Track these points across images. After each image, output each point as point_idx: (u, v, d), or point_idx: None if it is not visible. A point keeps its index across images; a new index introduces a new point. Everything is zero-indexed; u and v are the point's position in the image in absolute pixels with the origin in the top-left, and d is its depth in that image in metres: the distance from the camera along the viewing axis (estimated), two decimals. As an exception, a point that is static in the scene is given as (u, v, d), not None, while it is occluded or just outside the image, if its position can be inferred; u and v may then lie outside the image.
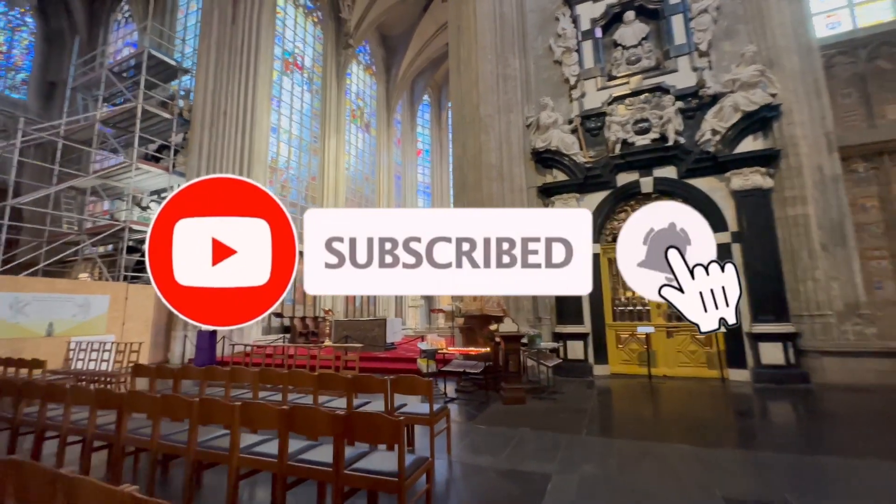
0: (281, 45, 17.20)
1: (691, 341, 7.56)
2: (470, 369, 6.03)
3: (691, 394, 6.39)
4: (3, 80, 17.00)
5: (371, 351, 11.02)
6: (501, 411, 5.42)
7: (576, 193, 8.41)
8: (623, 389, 6.90)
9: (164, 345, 12.18)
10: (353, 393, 3.84)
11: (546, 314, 8.36)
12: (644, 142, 8.01)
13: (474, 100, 9.05)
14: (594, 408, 5.65)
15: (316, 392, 4.01)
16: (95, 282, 12.69)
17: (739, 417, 5.32)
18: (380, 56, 24.35)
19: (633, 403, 6.08)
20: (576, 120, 8.70)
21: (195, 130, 12.84)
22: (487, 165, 8.67)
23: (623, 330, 8.06)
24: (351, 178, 21.41)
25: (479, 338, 7.06)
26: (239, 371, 4.50)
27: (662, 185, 7.96)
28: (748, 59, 7.33)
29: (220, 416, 2.75)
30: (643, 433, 4.40)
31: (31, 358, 6.26)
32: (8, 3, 16.86)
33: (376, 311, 21.36)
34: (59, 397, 3.53)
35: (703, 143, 7.55)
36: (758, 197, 7.14)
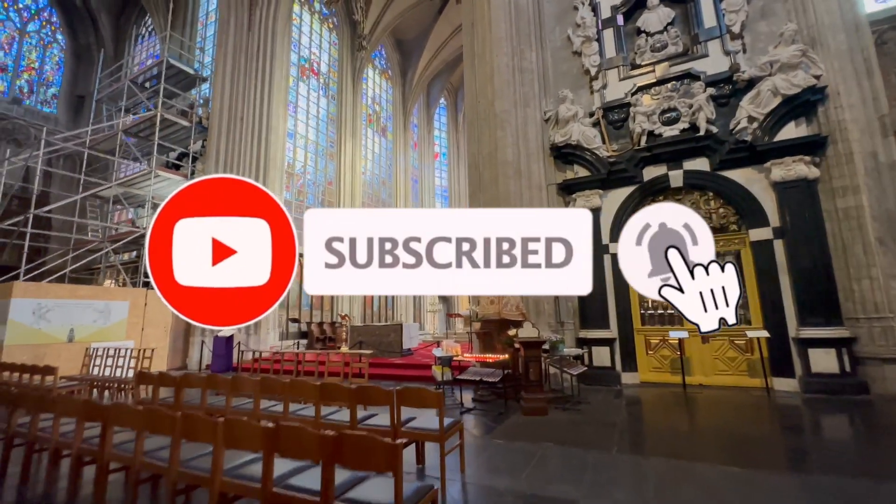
0: (297, 52, 17.31)
1: (730, 347, 6.95)
2: (487, 378, 5.64)
3: (732, 405, 5.80)
4: (35, 94, 17.67)
5: (387, 357, 10.73)
6: (522, 423, 4.99)
7: (599, 189, 7.92)
8: (655, 399, 6.36)
9: (182, 350, 12.23)
10: (357, 405, 3.52)
11: (569, 318, 7.88)
12: (672, 133, 7.47)
13: (489, 95, 8.69)
14: (624, 420, 5.16)
15: (318, 403, 3.70)
16: (115, 288, 12.90)
17: (789, 433, 4.73)
18: (395, 60, 24.32)
19: (668, 415, 5.55)
20: (597, 112, 8.23)
21: (212, 137, 12.95)
22: (504, 162, 8.28)
23: (653, 335, 7.50)
24: (367, 183, 21.34)
25: (498, 344, 6.64)
26: (240, 380, 4.25)
27: (693, 178, 7.40)
28: (787, 39, 6.73)
29: (203, 433, 2.46)
30: (681, 451, 3.91)
31: (44, 365, 6.23)
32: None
33: (394, 315, 21.14)
34: (50, 407, 3.34)
35: (739, 131, 6.97)
36: (802, 188, 6.51)
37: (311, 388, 3.79)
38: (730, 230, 7.25)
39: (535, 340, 5.48)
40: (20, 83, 17.24)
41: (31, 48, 17.71)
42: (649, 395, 6.65)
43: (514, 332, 6.03)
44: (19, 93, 17.13)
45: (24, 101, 17.08)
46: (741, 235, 7.10)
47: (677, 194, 7.64)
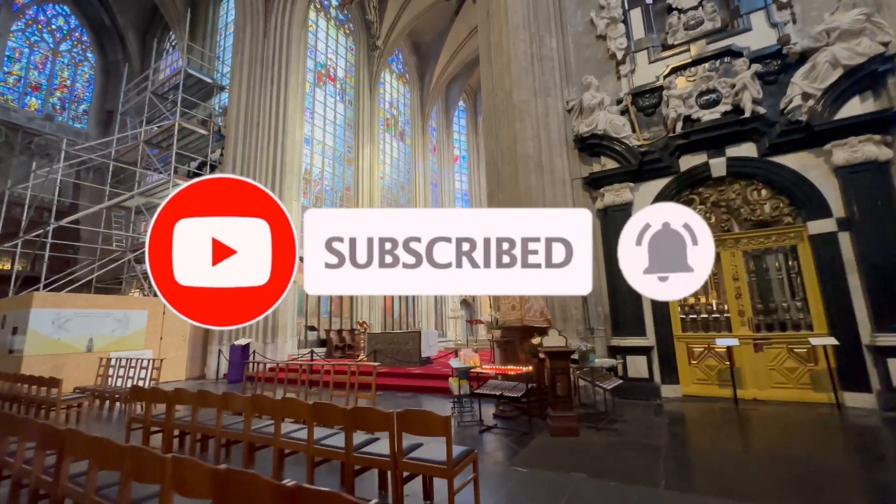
0: (313, 58, 17.26)
1: (788, 356, 6.08)
2: (509, 392, 5.03)
3: (795, 425, 4.98)
4: (67, 111, 18.31)
5: (404, 366, 10.24)
6: (549, 447, 4.37)
7: (629, 182, 7.21)
8: (703, 417, 5.58)
9: (201, 359, 12.11)
10: (354, 429, 3.01)
11: (599, 325, 7.17)
12: (712, 116, 6.70)
13: (507, 86, 8.14)
14: (669, 444, 4.44)
15: (311, 424, 3.22)
16: (133, 297, 12.96)
17: (873, 464, 3.91)
18: (412, 64, 24.11)
19: (720, 438, 4.78)
20: (626, 98, 7.54)
21: (229, 144, 12.90)
22: (524, 157, 7.69)
23: (696, 342, 6.70)
24: (386, 188, 21.08)
25: (521, 353, 6.02)
26: (230, 397, 3.83)
27: (739, 165, 6.59)
28: (847, 3, 5.90)
29: (151, 473, 2.01)
30: (742, 486, 3.21)
31: (50, 377, 6.05)
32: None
33: (415, 322, 20.69)
34: (14, 431, 2.99)
35: (792, 111, 6.14)
36: (872, 172, 5.63)
37: (303, 407, 3.31)
38: (783, 223, 6.40)
39: (563, 350, 4.85)
40: (53, 100, 17.91)
41: (63, 67, 18.41)
42: (695, 411, 5.87)
43: (539, 341, 5.41)
44: (52, 110, 17.78)
45: (56, 117, 17.72)
46: (797, 229, 6.24)
47: (719, 185, 6.85)
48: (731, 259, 6.63)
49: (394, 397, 7.60)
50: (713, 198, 6.91)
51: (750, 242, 6.57)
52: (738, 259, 6.59)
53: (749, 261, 6.59)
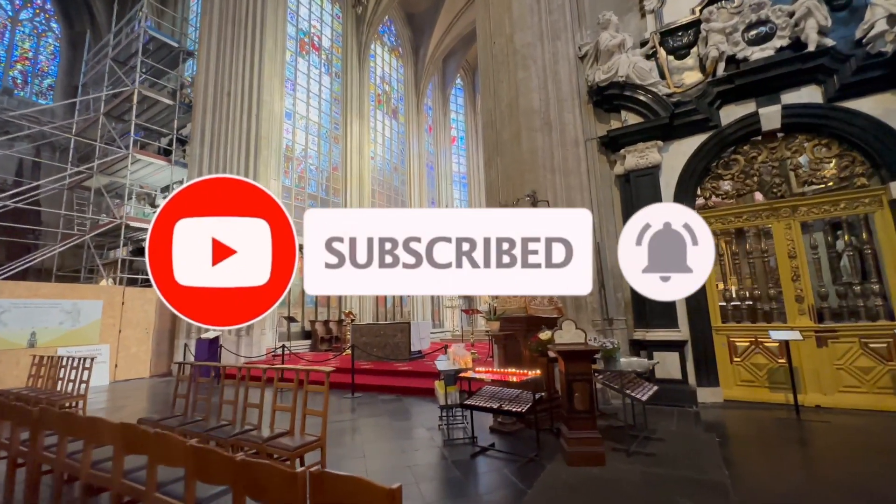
0: (295, 24, 15.75)
1: (861, 352, 4.83)
2: (509, 405, 3.80)
3: (881, 443, 3.76)
4: (30, 86, 16.87)
5: (391, 362, 9.04)
6: (566, 482, 3.14)
7: (658, 140, 5.89)
8: (756, 431, 4.35)
9: (168, 354, 10.91)
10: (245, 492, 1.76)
11: (619, 314, 5.92)
12: (764, 54, 5.36)
13: (507, 28, 6.77)
14: (728, 476, 3.19)
15: (190, 478, 1.98)
16: (86, 286, 11.71)
17: None
18: (406, 37, 22.51)
19: (789, 463, 3.55)
20: (652, 38, 6.19)
21: (197, 115, 11.51)
22: (528, 112, 6.35)
23: (740, 335, 5.45)
24: (378, 169, 19.69)
25: (525, 350, 4.77)
26: (99, 424, 2.58)
27: (798, 114, 5.27)
28: None
29: None
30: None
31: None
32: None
33: (412, 312, 19.53)
34: None
35: (872, 40, 4.80)
36: (984, 114, 4.32)
37: (181, 450, 2.06)
38: (855, 185, 5.10)
39: (583, 350, 3.60)
40: (13, 74, 16.45)
41: (24, 37, 16.90)
42: (743, 421, 4.64)
43: (548, 336, 4.16)
44: (13, 84, 16.34)
45: (16, 92, 16.28)
46: (875, 192, 4.94)
47: (771, 141, 5.53)
48: (785, 232, 5.34)
49: (374, 401, 6.39)
50: (762, 156, 5.59)
51: (811, 211, 5.27)
52: (795, 232, 5.30)
53: (810, 234, 5.31)
